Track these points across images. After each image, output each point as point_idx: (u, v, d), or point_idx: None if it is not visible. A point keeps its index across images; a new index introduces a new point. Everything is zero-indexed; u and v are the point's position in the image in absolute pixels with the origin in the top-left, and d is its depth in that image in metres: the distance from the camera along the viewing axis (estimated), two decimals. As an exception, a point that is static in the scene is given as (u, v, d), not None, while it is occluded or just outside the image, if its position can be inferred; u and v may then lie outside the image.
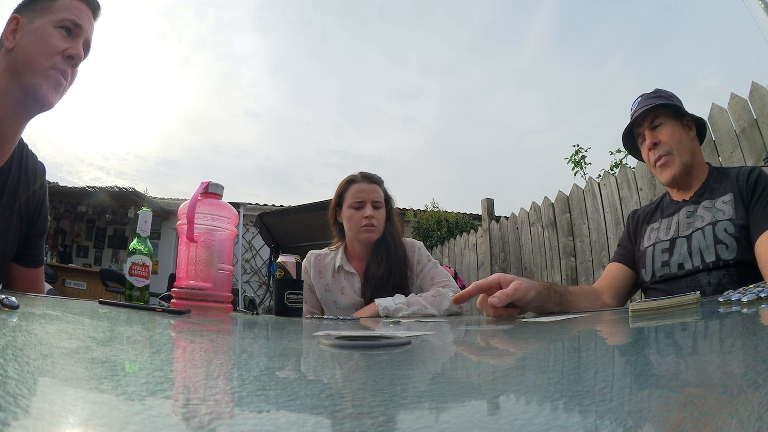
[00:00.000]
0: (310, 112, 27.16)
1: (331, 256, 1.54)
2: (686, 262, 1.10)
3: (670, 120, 1.21)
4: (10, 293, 0.74)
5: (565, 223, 3.35)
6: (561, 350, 0.45)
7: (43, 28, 0.88)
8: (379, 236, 1.46)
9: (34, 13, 0.89)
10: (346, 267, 1.49)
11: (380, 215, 1.47)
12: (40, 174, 1.03)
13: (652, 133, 1.21)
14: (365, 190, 1.47)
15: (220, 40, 29.62)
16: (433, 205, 7.29)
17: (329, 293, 1.49)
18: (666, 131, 1.20)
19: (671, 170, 1.18)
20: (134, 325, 0.58)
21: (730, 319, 0.49)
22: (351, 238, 1.49)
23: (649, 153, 1.22)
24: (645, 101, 1.24)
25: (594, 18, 45.95)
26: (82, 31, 0.92)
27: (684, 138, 1.19)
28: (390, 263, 1.43)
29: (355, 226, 1.45)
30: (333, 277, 1.50)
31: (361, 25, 38.30)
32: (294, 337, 0.64)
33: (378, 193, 1.49)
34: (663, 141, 1.19)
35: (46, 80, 0.87)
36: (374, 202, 1.47)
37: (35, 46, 0.87)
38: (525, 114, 35.15)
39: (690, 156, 1.19)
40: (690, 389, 0.23)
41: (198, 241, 0.97)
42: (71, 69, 0.91)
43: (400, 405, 0.22)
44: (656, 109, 1.21)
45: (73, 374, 0.26)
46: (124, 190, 7.22)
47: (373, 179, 1.52)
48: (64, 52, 0.89)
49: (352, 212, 1.46)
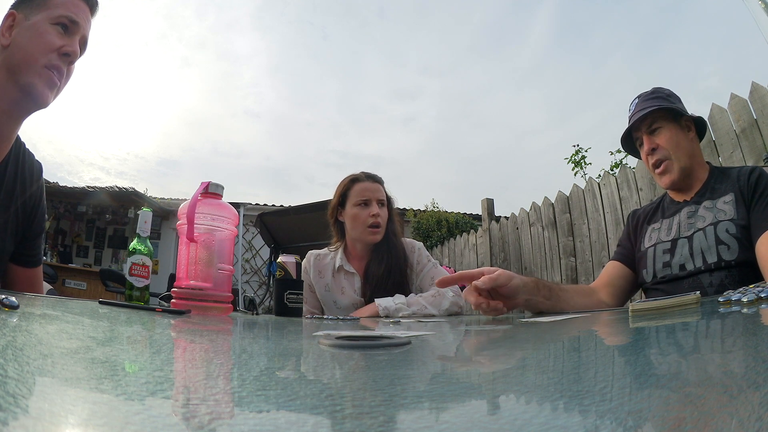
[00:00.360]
0: (310, 112, 27.17)
1: (331, 256, 1.54)
2: (688, 263, 1.10)
3: (668, 123, 1.20)
4: (10, 293, 0.74)
5: (565, 223, 3.35)
6: (561, 350, 0.45)
7: (39, 24, 0.87)
8: (382, 236, 1.46)
9: (30, 10, 0.88)
10: (346, 267, 1.49)
11: (384, 214, 1.48)
12: (37, 173, 1.03)
13: (650, 137, 1.21)
14: (370, 189, 1.48)
15: (221, 40, 29.65)
16: (433, 205, 7.29)
17: (329, 293, 1.49)
18: (664, 135, 1.19)
19: (670, 176, 1.18)
20: (134, 325, 0.58)
21: (730, 319, 0.49)
22: (354, 237, 1.49)
23: (648, 158, 1.22)
24: (643, 103, 1.23)
25: (594, 18, 45.97)
26: (79, 28, 0.91)
27: (682, 141, 1.19)
28: (390, 262, 1.43)
29: (361, 224, 1.45)
30: (333, 276, 1.50)
31: (361, 25, 38.34)
32: (294, 337, 0.64)
33: (381, 192, 1.50)
34: (661, 146, 1.19)
35: (41, 79, 0.86)
36: (379, 200, 1.47)
37: (31, 42, 0.86)
38: (525, 114, 35.17)
39: (689, 159, 1.18)
40: (690, 389, 0.23)
41: (198, 241, 0.97)
42: (67, 66, 0.91)
43: (400, 405, 0.22)
44: (654, 113, 1.20)
45: (73, 374, 0.26)
46: (124, 190, 7.22)
47: (375, 179, 1.53)
48: (60, 50, 0.88)
49: (358, 210, 1.46)
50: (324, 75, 33.34)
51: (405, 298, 1.32)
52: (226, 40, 29.53)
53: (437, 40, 39.21)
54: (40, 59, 0.86)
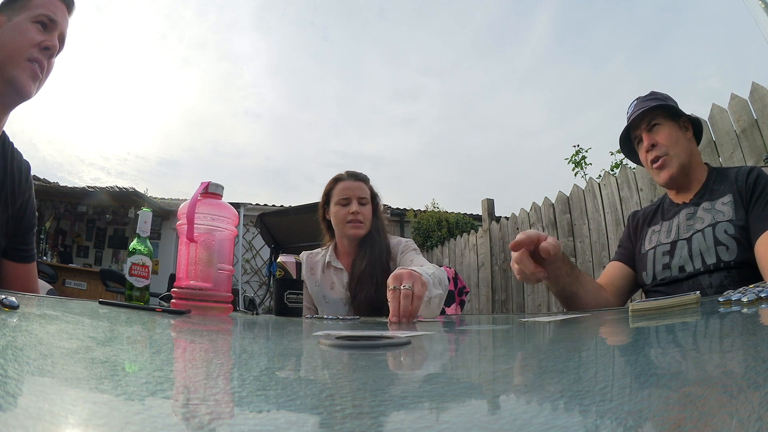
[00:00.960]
0: (311, 112, 27.12)
1: (321, 254, 1.59)
2: (687, 264, 1.10)
3: (667, 121, 1.21)
4: (10, 293, 0.74)
5: (566, 223, 3.35)
6: (561, 350, 0.45)
7: (20, 23, 0.95)
8: (366, 231, 1.50)
9: (13, 11, 0.96)
10: (335, 263, 1.53)
11: (366, 211, 1.51)
12: (25, 169, 1.07)
13: (649, 134, 1.22)
14: (351, 187, 1.52)
15: (221, 40, 29.59)
16: (434, 205, 7.29)
17: (319, 288, 1.53)
18: (663, 132, 1.20)
19: (668, 171, 1.19)
20: (134, 325, 0.58)
21: (730, 319, 0.49)
22: (339, 234, 1.54)
23: (647, 155, 1.23)
24: (641, 103, 1.25)
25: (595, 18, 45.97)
26: (57, 25, 0.99)
27: (681, 139, 1.20)
28: (372, 258, 1.46)
29: (341, 221, 1.49)
30: (323, 273, 1.55)
31: (362, 26, 38.29)
32: (294, 337, 0.64)
33: (363, 190, 1.53)
34: (660, 142, 1.20)
35: (25, 71, 0.94)
36: (360, 198, 1.51)
37: (14, 40, 0.94)
38: (525, 114, 35.14)
39: (687, 156, 1.19)
40: (690, 389, 0.23)
41: (198, 241, 0.97)
42: (47, 60, 0.99)
43: (400, 405, 0.22)
44: (653, 111, 1.21)
45: (73, 374, 0.26)
46: (124, 190, 7.22)
47: (358, 177, 1.57)
48: (41, 44, 0.96)
49: (339, 209, 1.51)
50: (325, 75, 33.32)
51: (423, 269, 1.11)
52: (226, 40, 29.49)
53: (438, 41, 39.19)
54: (23, 53, 0.94)
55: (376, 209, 1.55)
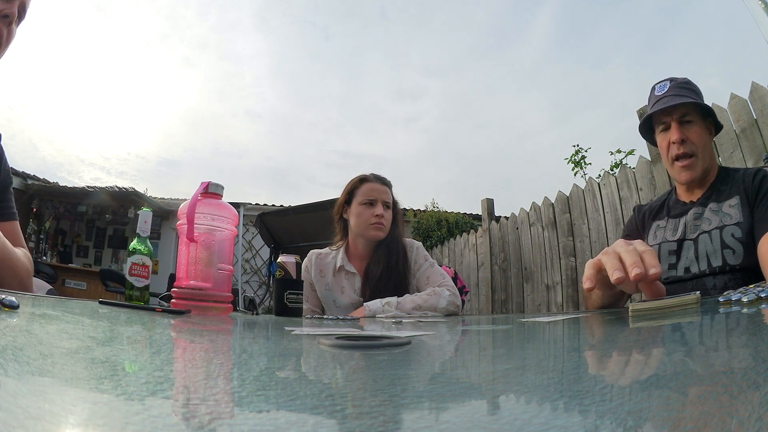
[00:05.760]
0: (312, 112, 27.13)
1: (332, 256, 1.55)
2: (693, 265, 1.10)
3: (699, 119, 1.17)
4: (10, 293, 0.74)
5: (565, 223, 3.35)
6: (561, 350, 0.45)
7: None
8: (385, 235, 1.48)
9: None
10: (347, 267, 1.50)
11: (389, 216, 1.50)
12: None
13: (681, 128, 1.16)
14: (378, 190, 1.51)
15: (222, 40, 29.59)
16: (434, 205, 7.29)
17: (329, 292, 1.51)
18: (695, 131, 1.16)
19: (692, 173, 1.15)
20: (134, 325, 0.58)
21: (730, 318, 0.49)
22: (356, 234, 1.51)
23: (672, 146, 1.17)
24: (677, 89, 1.18)
25: (595, 19, 45.97)
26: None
27: (708, 142, 1.17)
28: (389, 263, 1.44)
29: (365, 222, 1.47)
30: (334, 276, 1.51)
31: (363, 26, 38.26)
32: (294, 337, 0.63)
33: (388, 194, 1.53)
34: (691, 140, 1.15)
35: None
36: (384, 202, 1.50)
37: None
38: (526, 114, 35.15)
39: (711, 161, 1.17)
40: (690, 389, 0.23)
41: (198, 241, 0.97)
42: (7, 28, 1.00)
43: (400, 405, 0.22)
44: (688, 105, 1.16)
45: (73, 374, 0.26)
46: (124, 190, 7.22)
47: (384, 181, 1.56)
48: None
49: (363, 209, 1.48)
50: (326, 75, 33.29)
51: (396, 299, 1.32)
52: (227, 40, 29.48)
53: (439, 41, 39.18)
54: None
55: (396, 216, 1.54)
